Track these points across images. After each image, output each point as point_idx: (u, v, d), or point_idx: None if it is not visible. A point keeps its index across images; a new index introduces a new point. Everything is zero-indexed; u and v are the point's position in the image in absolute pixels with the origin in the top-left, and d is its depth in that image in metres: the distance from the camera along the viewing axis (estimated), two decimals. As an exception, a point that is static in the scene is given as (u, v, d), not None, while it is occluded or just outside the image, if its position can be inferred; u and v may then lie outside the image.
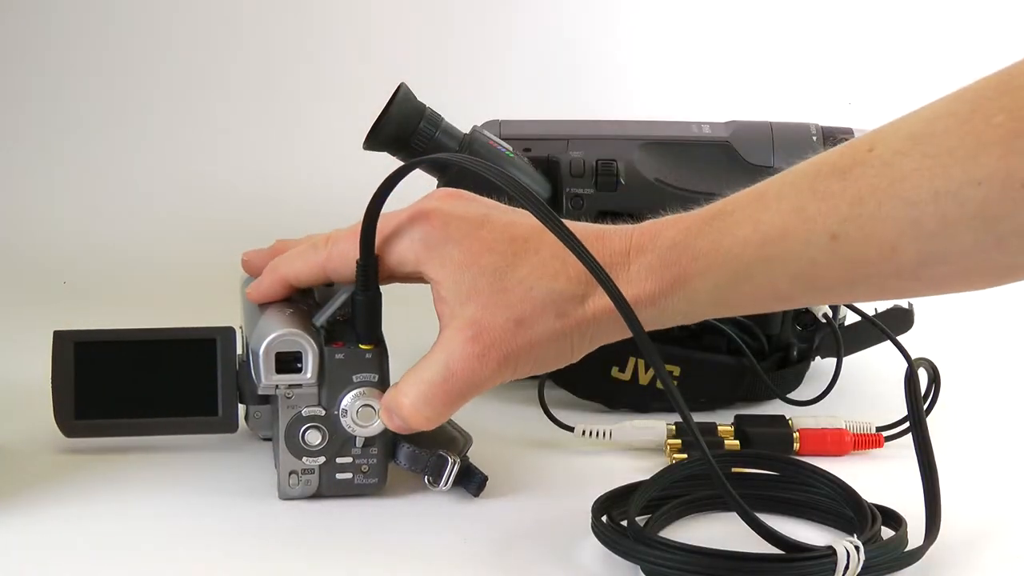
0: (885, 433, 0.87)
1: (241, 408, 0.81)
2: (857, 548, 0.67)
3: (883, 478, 0.80)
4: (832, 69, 1.41)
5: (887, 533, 0.72)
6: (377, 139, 0.89)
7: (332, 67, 1.39)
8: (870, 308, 0.95)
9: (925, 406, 0.82)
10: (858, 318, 0.96)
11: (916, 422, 0.75)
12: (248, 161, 1.34)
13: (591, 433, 0.87)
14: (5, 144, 1.33)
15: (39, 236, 1.25)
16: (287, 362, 0.75)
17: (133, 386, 0.81)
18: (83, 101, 1.35)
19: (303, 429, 0.76)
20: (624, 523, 0.71)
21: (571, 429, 0.87)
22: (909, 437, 0.76)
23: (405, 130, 0.89)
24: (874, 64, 1.41)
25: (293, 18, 1.39)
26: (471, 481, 0.78)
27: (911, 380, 0.76)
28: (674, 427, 0.87)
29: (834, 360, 0.95)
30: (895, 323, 0.95)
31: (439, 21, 1.40)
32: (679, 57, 1.42)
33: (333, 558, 0.72)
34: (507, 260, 0.73)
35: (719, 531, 0.73)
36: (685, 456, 0.84)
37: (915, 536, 0.71)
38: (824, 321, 0.95)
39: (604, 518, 0.71)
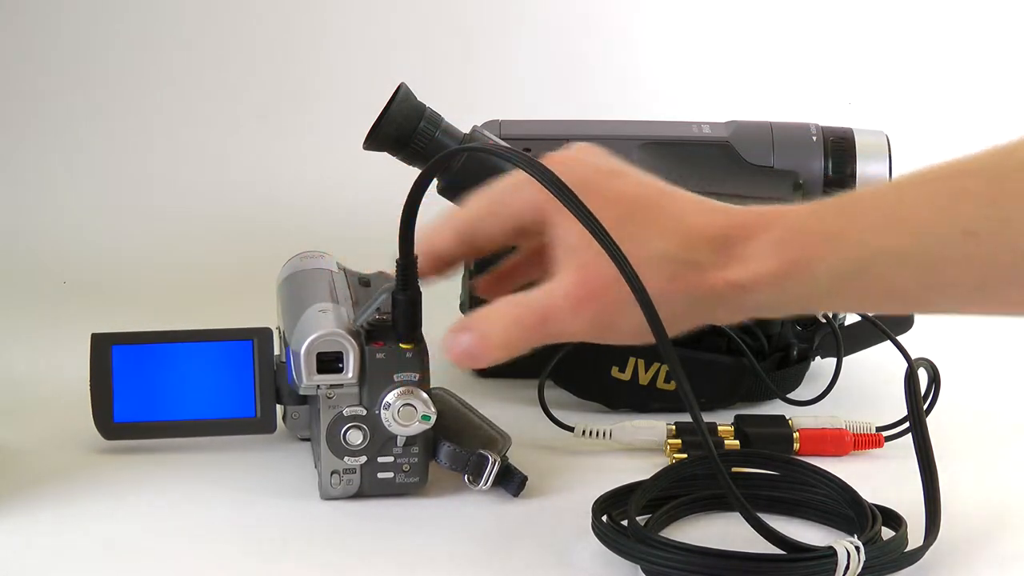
0: (885, 433, 0.87)
1: (279, 408, 0.81)
2: (857, 548, 0.67)
3: (883, 478, 0.80)
4: (832, 69, 1.41)
5: (887, 533, 0.71)
6: (377, 139, 0.89)
7: (332, 67, 1.39)
8: (870, 308, 0.95)
9: (925, 406, 0.82)
10: (858, 318, 0.96)
11: (916, 422, 0.75)
12: (247, 161, 1.34)
13: (591, 433, 0.87)
14: (5, 144, 1.32)
15: (39, 236, 1.25)
16: (328, 362, 0.75)
17: (171, 388, 0.82)
18: (83, 101, 1.35)
19: (344, 429, 0.75)
20: (624, 523, 0.71)
21: (571, 429, 0.87)
22: (909, 437, 0.76)
23: (405, 130, 0.89)
24: (874, 64, 1.41)
25: (293, 18, 1.39)
26: (511, 481, 0.78)
27: (911, 380, 0.76)
28: (674, 427, 0.87)
29: (834, 360, 0.95)
30: (895, 323, 0.95)
31: (439, 21, 1.40)
32: (679, 57, 1.41)
33: (332, 558, 0.72)
34: (627, 214, 0.70)
35: (719, 531, 0.73)
36: (685, 456, 0.84)
37: (915, 536, 0.71)
38: (824, 321, 0.95)
39: (604, 518, 0.71)
